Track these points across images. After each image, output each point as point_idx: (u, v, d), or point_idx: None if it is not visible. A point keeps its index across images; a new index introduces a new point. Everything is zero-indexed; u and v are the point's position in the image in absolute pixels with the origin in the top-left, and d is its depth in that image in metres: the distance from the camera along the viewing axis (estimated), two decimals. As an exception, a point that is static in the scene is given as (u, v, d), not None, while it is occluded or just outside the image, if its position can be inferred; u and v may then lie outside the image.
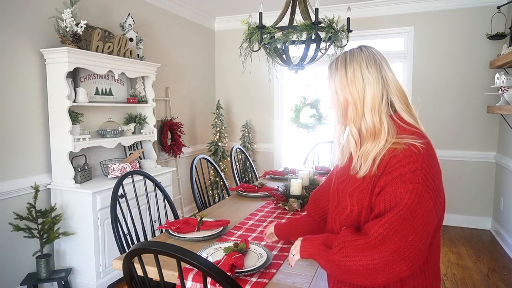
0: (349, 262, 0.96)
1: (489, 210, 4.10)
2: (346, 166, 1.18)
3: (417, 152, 0.99)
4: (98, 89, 3.09)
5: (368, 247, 0.94)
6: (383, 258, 0.92)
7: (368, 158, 1.06)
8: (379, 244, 0.93)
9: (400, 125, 1.07)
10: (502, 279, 2.97)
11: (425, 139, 1.04)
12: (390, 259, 0.92)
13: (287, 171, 3.24)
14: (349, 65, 1.09)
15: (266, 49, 2.39)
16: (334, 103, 1.16)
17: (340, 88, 1.11)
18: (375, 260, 0.93)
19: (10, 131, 2.51)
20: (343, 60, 1.11)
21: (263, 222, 2.04)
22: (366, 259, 0.94)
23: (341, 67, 1.10)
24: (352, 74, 1.08)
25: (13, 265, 2.52)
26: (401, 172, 0.97)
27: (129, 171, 2.28)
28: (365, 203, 1.06)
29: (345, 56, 1.12)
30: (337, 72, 1.11)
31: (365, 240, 0.95)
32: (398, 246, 0.92)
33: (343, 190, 1.16)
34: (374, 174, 1.04)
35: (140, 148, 3.57)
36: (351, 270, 0.97)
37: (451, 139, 4.14)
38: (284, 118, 4.95)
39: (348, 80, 1.08)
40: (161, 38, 4.03)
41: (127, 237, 1.93)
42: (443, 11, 4.07)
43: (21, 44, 2.55)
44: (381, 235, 0.93)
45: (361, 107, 1.08)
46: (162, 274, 1.11)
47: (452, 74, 4.10)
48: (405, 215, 0.93)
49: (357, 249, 0.96)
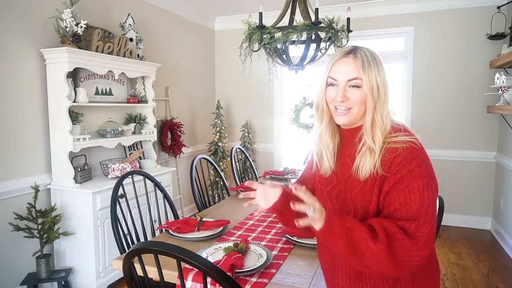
0: (389, 256, 0.94)
1: (489, 210, 4.10)
2: (332, 172, 1.15)
3: (417, 148, 1.03)
4: (98, 89, 3.09)
5: (416, 248, 0.95)
6: (423, 257, 0.95)
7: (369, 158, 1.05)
8: (424, 246, 0.95)
9: (392, 125, 1.09)
10: (502, 279, 2.97)
11: (414, 135, 1.08)
12: (426, 256, 0.96)
13: (287, 171, 3.24)
14: (379, 62, 1.08)
15: (266, 49, 2.39)
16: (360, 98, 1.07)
17: (375, 82, 1.05)
18: (415, 258, 0.95)
19: (10, 131, 2.51)
20: (374, 56, 1.09)
21: (263, 222, 2.04)
22: (410, 257, 0.94)
23: (373, 62, 1.07)
24: (383, 71, 1.08)
25: (13, 265, 2.52)
26: (409, 169, 1.00)
27: (129, 171, 2.28)
28: (371, 205, 1.05)
29: (372, 52, 1.09)
30: (372, 66, 1.06)
31: (412, 241, 0.95)
32: (433, 242, 0.98)
33: (337, 196, 1.14)
34: (381, 175, 1.03)
35: (140, 148, 3.57)
36: (387, 264, 0.94)
37: (451, 139, 4.14)
38: (284, 118, 4.94)
39: (381, 76, 1.07)
40: (161, 38, 4.03)
41: (127, 237, 1.93)
42: (443, 11, 4.07)
43: (21, 44, 2.55)
44: (426, 237, 0.96)
45: (385, 103, 1.08)
46: (162, 274, 1.11)
47: (452, 74, 4.10)
48: (431, 210, 0.98)
49: (402, 244, 0.94)
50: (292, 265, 1.50)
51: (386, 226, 0.97)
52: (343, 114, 1.09)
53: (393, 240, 0.94)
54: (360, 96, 1.06)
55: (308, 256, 1.58)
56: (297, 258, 1.56)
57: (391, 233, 0.95)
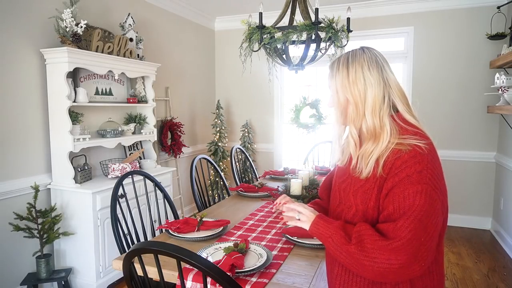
0: (364, 257, 0.96)
1: (489, 210, 4.10)
2: (346, 166, 1.19)
3: (422, 153, 1.00)
4: (98, 89, 3.09)
5: (389, 249, 0.94)
6: (400, 261, 0.93)
7: (370, 159, 1.06)
8: (399, 248, 0.93)
9: (402, 126, 1.07)
10: (502, 279, 2.97)
11: (427, 139, 1.04)
12: (406, 262, 0.93)
13: (287, 171, 3.24)
14: (351, 66, 1.09)
15: (266, 49, 2.38)
16: (334, 103, 1.16)
17: (341, 88, 1.11)
18: (391, 261, 0.93)
19: (10, 131, 2.51)
20: (345, 60, 1.11)
21: (263, 222, 2.04)
22: (382, 258, 0.94)
23: (343, 67, 1.10)
24: (354, 75, 1.08)
25: (13, 265, 2.52)
26: (408, 173, 0.98)
27: (129, 171, 2.28)
28: (370, 203, 1.06)
29: (347, 56, 1.12)
30: (339, 72, 1.11)
31: (387, 241, 0.95)
32: (415, 249, 0.93)
33: (344, 189, 1.16)
34: (380, 176, 1.04)
35: (140, 148, 3.57)
36: (364, 265, 0.97)
37: (451, 139, 4.14)
38: (284, 118, 4.95)
39: (349, 80, 1.09)
40: (161, 38, 4.03)
41: (127, 237, 1.93)
42: (443, 11, 4.07)
43: (21, 44, 2.55)
44: (403, 239, 0.93)
45: (362, 108, 1.08)
46: (162, 274, 1.11)
47: (452, 74, 4.10)
48: (419, 216, 0.94)
49: (375, 246, 0.96)
50: (292, 265, 1.49)
51: (361, 229, 1.00)
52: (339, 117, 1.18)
53: (368, 241, 0.97)
54: (332, 101, 1.17)
55: (308, 256, 1.58)
56: (297, 258, 1.56)
57: (367, 235, 0.98)
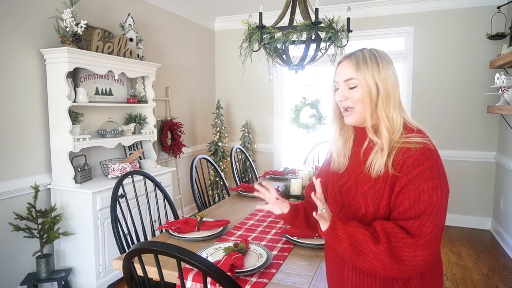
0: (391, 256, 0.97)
1: (489, 210, 4.10)
2: (345, 169, 1.19)
3: (430, 149, 1.04)
4: (98, 89, 3.09)
5: (416, 246, 0.96)
6: (425, 256, 0.96)
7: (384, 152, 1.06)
8: (426, 244, 0.96)
9: (406, 124, 1.10)
10: (502, 279, 2.97)
11: (428, 137, 1.08)
12: (429, 256, 0.97)
13: (287, 171, 3.24)
14: (380, 61, 1.09)
15: (266, 49, 2.38)
16: (358, 97, 1.10)
17: (372, 81, 1.08)
18: (417, 257, 0.96)
19: (10, 131, 2.51)
20: (373, 55, 1.10)
21: (263, 222, 2.04)
22: (409, 256, 0.96)
23: (371, 61, 1.09)
24: (384, 70, 1.09)
25: (13, 265, 2.52)
26: (421, 170, 1.01)
27: (129, 171, 2.28)
28: (382, 203, 1.07)
29: (373, 52, 1.11)
30: (368, 66, 1.08)
31: (413, 239, 0.97)
32: (437, 243, 0.99)
33: (347, 191, 1.16)
34: (393, 174, 1.05)
35: (140, 148, 3.57)
36: (385, 262, 0.97)
37: (451, 139, 4.14)
38: (284, 118, 4.95)
39: (381, 74, 1.08)
40: (161, 38, 4.03)
41: (127, 237, 1.93)
42: (443, 11, 4.07)
43: (21, 44, 2.55)
44: (430, 235, 0.97)
45: (388, 102, 1.08)
46: (162, 274, 1.11)
47: (452, 74, 4.10)
48: (439, 210, 0.99)
49: (401, 244, 0.97)
50: (292, 265, 1.50)
51: (387, 228, 1.00)
52: (348, 115, 1.14)
53: (395, 240, 0.97)
54: (358, 95, 1.10)
55: (308, 256, 1.59)
56: (297, 258, 1.56)
57: (393, 233, 0.98)
